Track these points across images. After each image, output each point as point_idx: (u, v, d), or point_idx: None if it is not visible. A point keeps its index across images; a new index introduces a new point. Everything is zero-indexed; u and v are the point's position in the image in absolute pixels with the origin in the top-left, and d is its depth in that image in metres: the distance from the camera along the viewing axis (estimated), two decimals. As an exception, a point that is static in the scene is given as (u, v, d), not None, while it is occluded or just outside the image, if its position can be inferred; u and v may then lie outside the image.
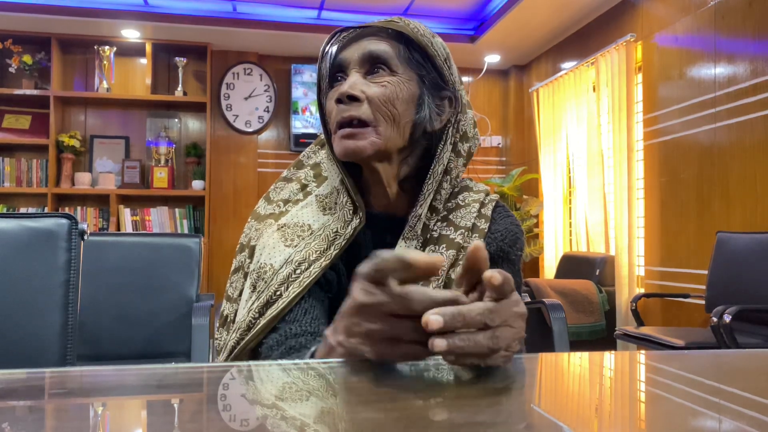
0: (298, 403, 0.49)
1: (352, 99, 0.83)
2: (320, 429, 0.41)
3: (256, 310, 0.82)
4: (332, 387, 0.54)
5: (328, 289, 0.88)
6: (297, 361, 0.73)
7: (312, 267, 0.83)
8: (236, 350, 0.83)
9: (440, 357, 0.54)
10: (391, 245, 0.88)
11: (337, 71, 0.88)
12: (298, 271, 0.83)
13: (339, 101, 0.83)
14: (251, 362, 0.68)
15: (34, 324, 1.16)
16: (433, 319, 0.52)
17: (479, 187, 0.97)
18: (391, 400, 0.49)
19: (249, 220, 0.95)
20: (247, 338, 0.82)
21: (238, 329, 0.83)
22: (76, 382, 0.57)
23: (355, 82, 0.84)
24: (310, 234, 0.87)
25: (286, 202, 0.94)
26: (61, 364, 1.17)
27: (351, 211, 0.88)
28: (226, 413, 0.46)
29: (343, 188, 0.89)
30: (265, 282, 0.83)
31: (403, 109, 0.86)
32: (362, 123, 0.83)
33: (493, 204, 0.95)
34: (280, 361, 0.74)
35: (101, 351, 2.39)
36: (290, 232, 0.87)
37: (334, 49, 0.89)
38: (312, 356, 0.73)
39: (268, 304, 0.82)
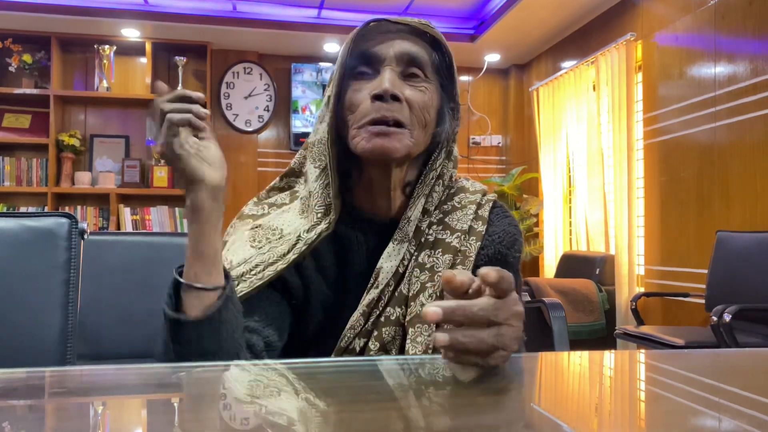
0: (298, 402, 0.49)
1: (394, 98, 0.81)
2: (320, 428, 0.41)
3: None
4: (332, 387, 0.54)
5: (290, 295, 0.85)
6: (297, 360, 0.73)
7: (266, 270, 0.81)
8: None
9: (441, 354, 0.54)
10: (382, 249, 0.87)
11: (364, 64, 0.84)
12: (252, 272, 0.81)
13: (379, 98, 0.80)
14: (251, 362, 0.68)
15: (34, 323, 1.16)
16: (432, 310, 0.52)
17: (476, 187, 0.95)
18: (391, 400, 0.49)
19: (234, 219, 0.94)
20: None
21: None
22: (76, 381, 0.57)
23: (394, 81, 0.81)
24: (279, 238, 0.85)
25: (271, 206, 0.93)
26: (61, 364, 1.17)
27: (320, 215, 0.85)
28: (225, 412, 0.46)
29: (321, 190, 0.86)
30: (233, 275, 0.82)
31: (431, 118, 0.86)
32: (398, 124, 0.81)
33: (491, 205, 0.94)
34: (280, 361, 0.74)
35: (101, 350, 2.39)
36: (260, 234, 0.86)
37: (353, 35, 0.85)
38: None
39: None
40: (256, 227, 0.87)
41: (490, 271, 0.55)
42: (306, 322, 0.87)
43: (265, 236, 0.85)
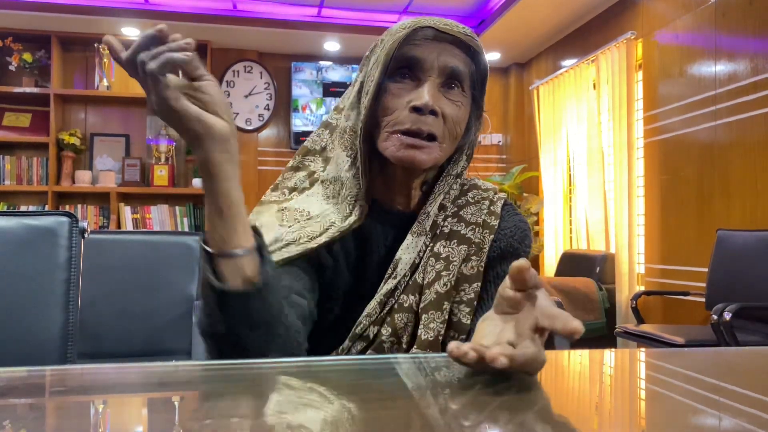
0: (298, 401, 0.49)
1: (431, 113, 0.82)
2: (320, 427, 0.41)
3: None
4: (332, 386, 0.54)
5: (323, 272, 0.87)
6: (296, 359, 0.73)
7: (292, 245, 0.83)
8: None
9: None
10: (400, 240, 0.89)
11: (406, 67, 0.85)
12: (281, 247, 0.82)
13: (418, 110, 0.82)
14: (252, 361, 0.68)
15: (34, 322, 1.16)
16: (502, 363, 0.50)
17: (487, 186, 0.99)
18: (391, 399, 0.49)
19: (255, 206, 0.94)
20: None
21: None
22: (76, 379, 0.57)
23: (434, 94, 0.83)
24: (308, 219, 0.86)
25: (292, 190, 0.94)
26: (61, 362, 1.17)
27: (351, 206, 0.87)
28: (226, 411, 0.46)
29: (352, 181, 0.88)
30: None
31: (462, 129, 0.88)
32: (431, 137, 0.83)
33: (502, 202, 0.97)
34: (280, 360, 0.74)
35: (102, 349, 2.39)
36: (288, 215, 0.87)
37: (400, 37, 0.84)
38: None
39: None
40: (284, 209, 0.88)
41: (521, 263, 0.57)
42: (327, 307, 0.89)
43: (293, 217, 0.87)
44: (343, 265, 0.89)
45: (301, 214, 0.87)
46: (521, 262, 0.57)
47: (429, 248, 0.90)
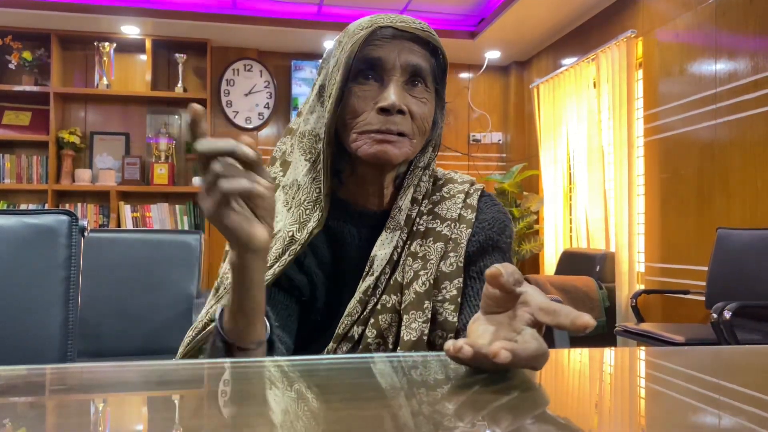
0: (297, 400, 0.49)
1: (399, 112, 0.83)
2: (320, 427, 0.41)
3: (213, 312, 0.80)
4: (331, 385, 0.54)
5: (299, 293, 0.87)
6: (295, 358, 0.73)
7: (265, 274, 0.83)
8: (188, 346, 0.83)
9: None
10: (376, 239, 0.89)
11: (369, 67, 0.84)
12: None
13: (385, 111, 0.82)
14: (251, 360, 0.69)
15: (34, 320, 1.16)
16: (504, 356, 0.49)
17: (464, 179, 0.98)
18: (392, 398, 0.49)
19: None
20: (199, 337, 0.82)
21: (195, 328, 0.83)
22: (76, 378, 0.57)
23: (399, 94, 0.83)
24: (272, 237, 0.85)
25: None
26: (61, 361, 1.17)
27: (308, 211, 0.86)
28: (226, 409, 0.46)
29: (310, 185, 0.87)
30: (224, 287, 0.83)
31: (429, 125, 0.88)
32: (400, 134, 0.83)
33: (479, 193, 0.96)
34: (279, 359, 0.74)
35: (102, 347, 2.39)
36: None
37: (360, 39, 0.83)
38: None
39: None
40: None
41: (494, 269, 0.56)
42: (311, 318, 0.88)
43: None
44: (319, 277, 0.88)
45: None
46: (493, 270, 0.56)
47: (406, 246, 0.89)
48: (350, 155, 0.87)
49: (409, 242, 0.89)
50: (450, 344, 0.51)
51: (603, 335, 3.66)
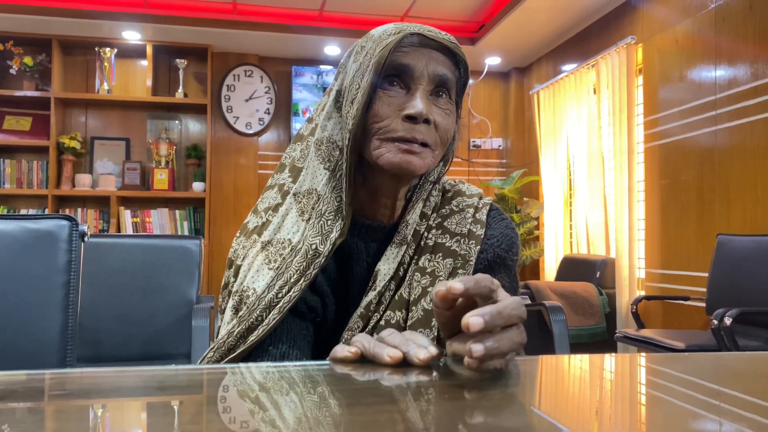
0: (296, 405, 0.48)
1: (426, 122, 0.82)
2: (320, 430, 0.41)
3: (237, 335, 0.79)
4: (330, 389, 0.54)
5: (313, 315, 0.85)
6: (295, 363, 0.73)
7: (292, 290, 0.80)
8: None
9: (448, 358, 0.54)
10: (381, 254, 0.87)
11: (396, 74, 0.83)
12: (279, 295, 0.80)
13: (412, 119, 0.81)
14: (250, 364, 0.68)
15: (34, 325, 1.16)
16: (474, 321, 0.51)
17: (472, 191, 0.97)
18: (391, 402, 0.49)
19: (237, 234, 0.91)
20: (227, 359, 0.81)
21: (218, 349, 0.81)
22: (76, 383, 0.57)
23: (426, 103, 0.82)
24: (291, 250, 0.83)
25: (267, 210, 0.90)
26: (61, 366, 1.17)
27: (330, 222, 0.84)
28: (225, 415, 0.45)
29: (330, 194, 0.86)
30: (248, 307, 0.80)
31: (450, 137, 0.87)
32: (423, 145, 0.82)
33: (488, 208, 0.95)
34: (278, 363, 0.74)
35: (101, 352, 2.39)
36: (273, 251, 0.84)
37: (391, 43, 0.82)
38: None
39: (250, 330, 0.79)
40: (266, 245, 0.85)
41: (454, 284, 0.56)
42: (321, 338, 0.87)
43: (278, 252, 0.84)
44: (328, 295, 0.87)
45: (284, 246, 0.84)
46: (438, 292, 0.57)
47: (414, 261, 0.88)
48: (365, 164, 0.85)
49: (416, 257, 0.88)
50: (472, 320, 0.52)
51: (603, 341, 3.65)
